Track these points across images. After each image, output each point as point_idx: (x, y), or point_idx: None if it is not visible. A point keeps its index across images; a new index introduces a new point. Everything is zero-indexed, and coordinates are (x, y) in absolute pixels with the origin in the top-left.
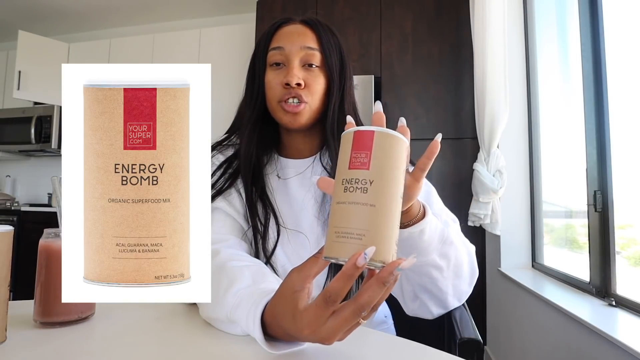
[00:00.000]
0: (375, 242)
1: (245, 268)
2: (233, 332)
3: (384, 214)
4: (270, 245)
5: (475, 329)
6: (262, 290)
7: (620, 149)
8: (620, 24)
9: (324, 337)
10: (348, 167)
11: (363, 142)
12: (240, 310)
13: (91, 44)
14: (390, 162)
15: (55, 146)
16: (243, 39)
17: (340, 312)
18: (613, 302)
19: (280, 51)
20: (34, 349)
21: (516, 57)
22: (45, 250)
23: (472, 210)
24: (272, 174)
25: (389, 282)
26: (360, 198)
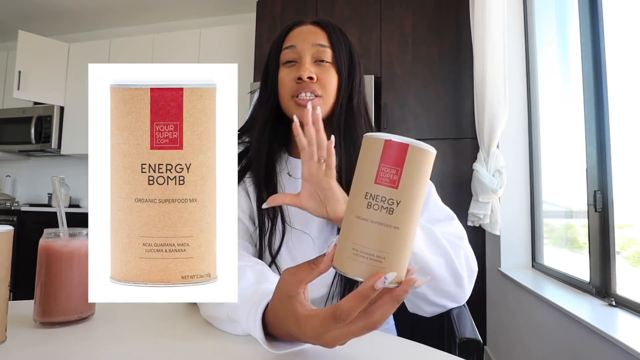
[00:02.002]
0: (394, 264)
1: (247, 268)
2: (233, 331)
3: (405, 237)
4: (276, 245)
5: (475, 329)
6: (263, 290)
7: (620, 149)
8: (620, 24)
9: (327, 342)
10: (374, 181)
11: (394, 155)
12: (241, 309)
13: (91, 44)
14: (421, 181)
15: (55, 146)
16: (243, 39)
17: (349, 326)
18: (613, 302)
19: (293, 49)
20: (34, 349)
21: (516, 57)
22: (45, 250)
23: (471, 210)
24: (282, 172)
25: (403, 299)
26: (385, 219)
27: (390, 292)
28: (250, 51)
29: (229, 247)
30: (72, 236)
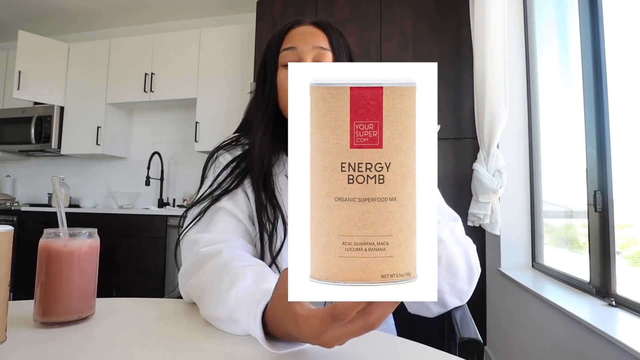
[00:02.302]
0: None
1: (247, 268)
2: (233, 331)
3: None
4: (277, 246)
5: (476, 328)
6: (263, 290)
7: (620, 149)
8: (620, 24)
9: (326, 342)
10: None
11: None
12: (241, 309)
13: (91, 44)
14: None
15: (55, 146)
16: (243, 39)
17: (347, 325)
18: (613, 302)
19: (293, 51)
20: (34, 349)
21: (516, 57)
22: (45, 250)
23: (471, 210)
24: (280, 174)
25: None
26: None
27: None
28: (250, 51)
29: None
30: (72, 236)
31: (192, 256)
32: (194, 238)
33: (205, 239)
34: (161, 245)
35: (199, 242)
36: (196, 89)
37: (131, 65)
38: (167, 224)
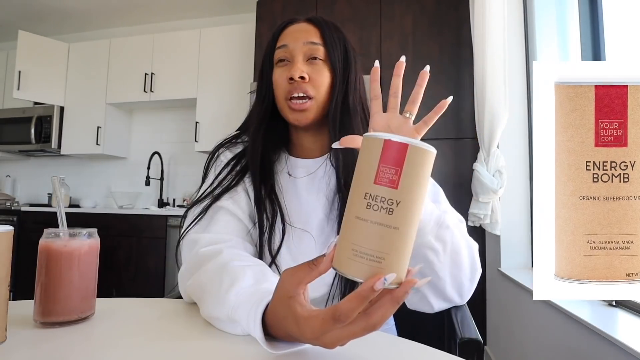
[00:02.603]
0: (394, 265)
1: (247, 268)
2: (233, 331)
3: (406, 237)
4: (276, 244)
5: (476, 329)
6: (263, 290)
7: None
8: (620, 24)
9: (327, 343)
10: (374, 182)
11: (393, 155)
12: (241, 309)
13: (91, 44)
14: (421, 182)
15: (55, 146)
16: (243, 39)
17: (349, 327)
18: (613, 302)
19: (285, 49)
20: (34, 349)
21: (516, 57)
22: (45, 250)
23: (472, 210)
24: (282, 172)
25: (403, 300)
26: (384, 219)
27: (391, 293)
28: (250, 51)
29: None
30: (72, 236)
31: (192, 256)
32: (194, 238)
33: (205, 239)
34: (161, 245)
35: (199, 242)
36: (196, 89)
37: (131, 65)
38: (167, 224)
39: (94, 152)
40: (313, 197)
